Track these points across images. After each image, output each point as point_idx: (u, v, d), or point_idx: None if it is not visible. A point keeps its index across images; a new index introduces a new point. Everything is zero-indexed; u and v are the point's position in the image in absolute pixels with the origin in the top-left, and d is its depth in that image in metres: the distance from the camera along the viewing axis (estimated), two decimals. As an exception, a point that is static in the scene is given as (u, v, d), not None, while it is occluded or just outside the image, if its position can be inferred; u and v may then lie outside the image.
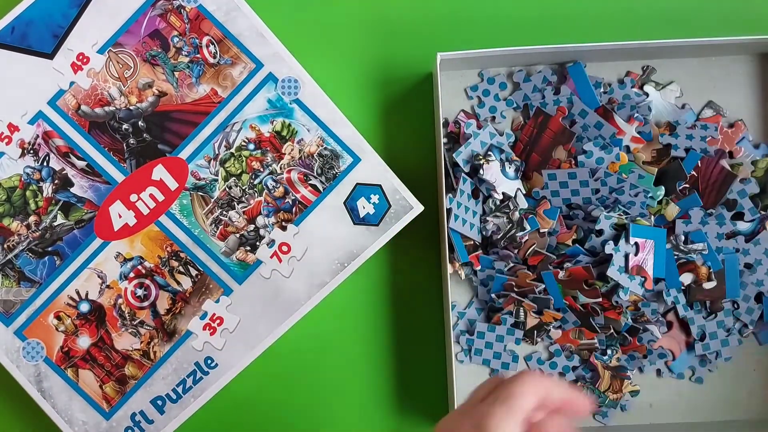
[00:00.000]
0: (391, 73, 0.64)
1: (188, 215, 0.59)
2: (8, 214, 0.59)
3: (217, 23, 0.59)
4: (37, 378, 0.59)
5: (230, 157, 0.59)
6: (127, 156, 0.59)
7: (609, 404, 0.62)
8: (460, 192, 0.59)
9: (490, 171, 0.59)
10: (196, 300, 0.59)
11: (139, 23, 0.59)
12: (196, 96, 0.59)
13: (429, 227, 0.63)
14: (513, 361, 0.62)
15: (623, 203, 0.60)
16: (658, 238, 0.59)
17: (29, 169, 0.59)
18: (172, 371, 0.59)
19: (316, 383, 0.64)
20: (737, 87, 0.64)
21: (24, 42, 0.59)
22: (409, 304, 0.64)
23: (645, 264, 0.58)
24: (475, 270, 0.62)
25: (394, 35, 0.64)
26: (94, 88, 0.59)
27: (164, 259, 0.59)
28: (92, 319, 0.59)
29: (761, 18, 0.65)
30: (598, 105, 0.62)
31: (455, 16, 0.64)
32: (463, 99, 0.64)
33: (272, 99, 0.59)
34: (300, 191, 0.59)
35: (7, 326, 0.59)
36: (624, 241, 0.58)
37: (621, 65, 0.63)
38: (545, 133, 0.61)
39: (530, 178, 0.62)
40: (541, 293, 0.60)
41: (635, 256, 0.58)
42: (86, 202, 0.59)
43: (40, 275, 0.59)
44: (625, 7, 0.64)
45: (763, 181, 0.62)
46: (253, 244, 0.59)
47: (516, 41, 0.61)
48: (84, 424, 0.59)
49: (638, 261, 0.58)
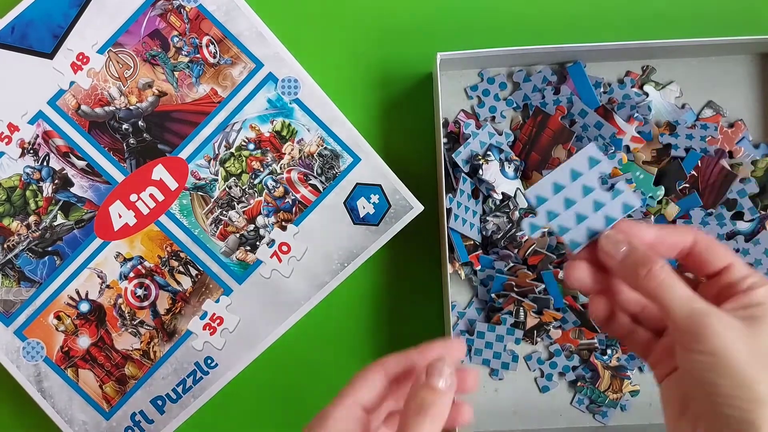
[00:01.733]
0: (391, 73, 0.64)
1: (188, 215, 0.59)
2: (8, 214, 0.59)
3: (217, 23, 0.59)
4: (37, 378, 0.59)
5: (230, 157, 0.59)
6: (127, 156, 0.59)
7: (609, 404, 0.62)
8: (460, 192, 0.59)
9: (490, 171, 0.59)
10: (196, 300, 0.59)
11: (138, 23, 0.59)
12: (196, 96, 0.59)
13: (429, 227, 0.63)
14: (513, 361, 0.62)
15: None
16: None
17: (29, 169, 0.59)
18: (172, 371, 0.59)
19: (316, 383, 0.64)
20: (737, 87, 0.64)
21: (24, 42, 0.59)
22: (409, 304, 0.64)
23: None
24: (475, 270, 0.62)
25: (394, 35, 0.64)
26: (94, 88, 0.59)
27: (164, 259, 0.59)
28: (92, 319, 0.59)
29: (761, 18, 0.65)
30: (598, 105, 0.62)
31: (455, 16, 0.64)
32: (463, 99, 0.64)
33: (272, 99, 0.59)
34: (300, 191, 0.59)
35: (7, 326, 0.59)
36: None
37: (621, 65, 0.63)
38: (544, 133, 0.61)
39: (530, 178, 0.62)
40: (541, 293, 0.60)
41: None
42: (86, 202, 0.59)
43: (40, 275, 0.59)
44: (625, 7, 0.64)
45: (763, 181, 0.62)
46: (253, 244, 0.59)
47: (516, 41, 0.61)
48: (84, 424, 0.59)
49: None
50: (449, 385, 0.37)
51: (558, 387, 0.63)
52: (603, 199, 0.39)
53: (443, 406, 0.37)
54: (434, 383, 0.37)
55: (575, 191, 0.39)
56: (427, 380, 0.37)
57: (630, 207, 0.39)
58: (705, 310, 0.35)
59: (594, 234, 0.39)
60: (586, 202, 0.39)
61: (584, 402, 0.63)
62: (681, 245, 0.39)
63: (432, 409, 0.36)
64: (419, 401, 0.37)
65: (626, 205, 0.39)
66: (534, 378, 0.63)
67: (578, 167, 0.39)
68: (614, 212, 0.39)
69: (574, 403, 0.63)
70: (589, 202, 0.39)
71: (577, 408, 0.63)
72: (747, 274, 0.37)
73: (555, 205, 0.40)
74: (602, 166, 0.39)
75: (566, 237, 0.40)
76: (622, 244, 0.38)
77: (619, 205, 0.39)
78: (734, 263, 0.37)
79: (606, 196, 0.39)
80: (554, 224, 0.40)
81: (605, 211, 0.39)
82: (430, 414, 0.36)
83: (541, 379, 0.63)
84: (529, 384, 0.63)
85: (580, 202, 0.39)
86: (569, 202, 0.40)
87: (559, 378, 0.63)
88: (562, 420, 0.63)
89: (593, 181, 0.39)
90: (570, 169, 0.39)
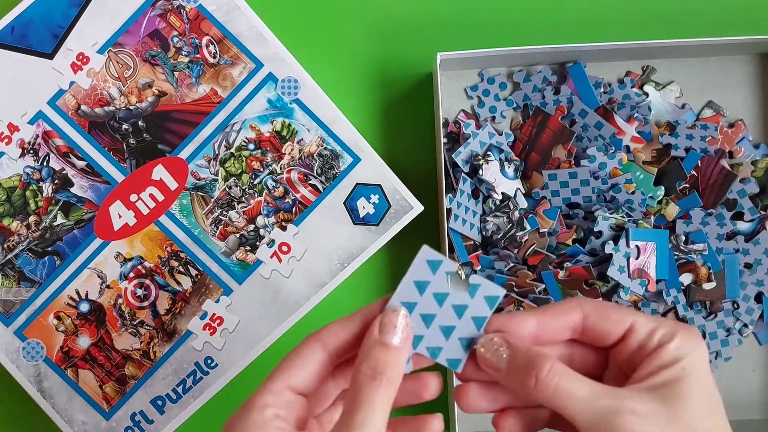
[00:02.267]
0: (391, 73, 0.64)
1: (188, 215, 0.59)
2: (8, 214, 0.59)
3: (216, 23, 0.59)
4: (37, 378, 0.59)
5: (230, 157, 0.59)
6: (127, 156, 0.59)
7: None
8: (460, 192, 0.59)
9: (489, 171, 0.59)
10: (196, 300, 0.59)
11: (138, 23, 0.59)
12: (195, 96, 0.59)
13: (429, 227, 0.63)
14: (513, 361, 0.62)
15: (621, 202, 0.60)
16: (660, 240, 0.59)
17: (29, 169, 0.59)
18: (172, 371, 0.59)
19: (316, 383, 0.64)
20: (737, 87, 0.64)
21: (24, 42, 0.59)
22: (409, 304, 0.64)
23: (647, 267, 0.58)
24: (475, 270, 0.62)
25: (394, 35, 0.64)
26: (94, 88, 0.59)
27: (164, 259, 0.59)
28: (92, 319, 0.59)
29: (761, 18, 0.64)
30: (598, 105, 0.62)
31: (455, 16, 0.64)
32: (463, 99, 0.64)
33: (272, 99, 0.59)
34: (300, 191, 0.59)
35: (7, 326, 0.59)
36: (624, 244, 0.58)
37: (621, 65, 0.63)
38: (544, 133, 0.61)
39: (530, 178, 0.62)
40: (541, 293, 0.60)
41: (636, 259, 0.58)
42: (86, 202, 0.59)
43: (40, 275, 0.59)
44: (625, 7, 0.64)
45: (763, 181, 0.62)
46: (253, 244, 0.59)
47: (516, 41, 0.61)
48: (84, 424, 0.59)
49: (639, 264, 0.58)
50: (404, 339, 0.33)
51: (558, 387, 0.63)
52: (463, 301, 0.34)
53: (399, 367, 0.32)
54: (388, 340, 0.32)
55: (429, 304, 0.34)
56: (380, 337, 0.33)
57: (495, 298, 0.34)
58: (612, 407, 0.29)
59: (470, 343, 0.34)
60: (446, 311, 0.34)
61: (584, 402, 0.63)
62: (570, 325, 0.34)
63: (387, 371, 0.32)
64: (371, 363, 0.32)
65: (490, 298, 0.34)
66: (534, 378, 0.63)
67: (421, 276, 0.34)
68: (480, 311, 0.34)
69: (574, 403, 0.63)
70: (449, 310, 0.34)
71: (577, 408, 0.63)
72: (653, 329, 0.32)
73: (414, 328, 0.34)
74: (446, 265, 0.34)
75: (441, 358, 0.34)
76: (502, 347, 0.33)
77: (481, 301, 0.34)
78: (635, 322, 0.32)
79: (464, 297, 0.34)
80: (422, 349, 0.34)
81: (470, 312, 0.34)
82: (386, 377, 0.31)
83: (541, 379, 0.63)
84: (529, 384, 0.63)
85: (439, 312, 0.34)
86: (428, 318, 0.34)
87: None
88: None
89: (443, 284, 0.34)
90: (413, 281, 0.34)
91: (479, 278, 0.34)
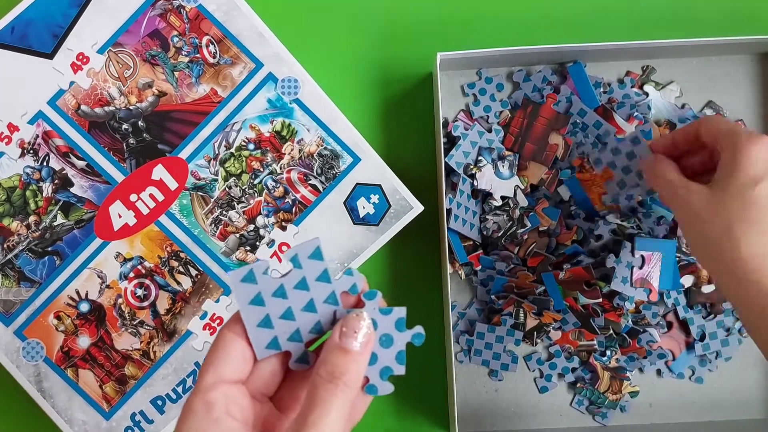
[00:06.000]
0: (391, 73, 0.64)
1: (188, 215, 0.59)
2: (8, 214, 0.59)
3: (216, 23, 0.59)
4: (37, 378, 0.59)
5: (230, 157, 0.59)
6: (126, 156, 0.59)
7: (608, 405, 0.62)
8: (460, 192, 0.59)
9: (484, 178, 0.59)
10: (196, 300, 0.59)
11: (138, 23, 0.59)
12: (195, 96, 0.59)
13: (429, 227, 0.63)
14: (513, 362, 0.62)
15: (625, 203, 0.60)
16: (667, 250, 0.58)
17: (29, 169, 0.59)
18: (172, 371, 0.59)
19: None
20: (737, 87, 0.64)
21: (24, 42, 0.59)
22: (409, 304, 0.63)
23: (651, 277, 0.58)
24: (476, 270, 0.62)
25: (394, 35, 0.64)
26: (94, 87, 0.59)
27: (164, 259, 0.59)
28: (92, 319, 0.59)
29: (761, 18, 0.64)
30: (598, 105, 0.61)
31: (455, 16, 0.64)
32: (463, 98, 0.64)
33: (272, 99, 0.59)
34: (300, 191, 0.59)
35: (7, 326, 0.59)
36: (630, 254, 0.58)
37: (621, 65, 0.63)
38: (537, 122, 0.61)
39: (525, 168, 0.61)
40: (541, 294, 0.60)
41: (640, 269, 0.58)
42: (86, 202, 0.59)
43: (40, 275, 0.59)
44: (625, 7, 0.64)
45: (763, 181, 0.62)
46: (253, 244, 0.59)
47: (516, 41, 0.61)
48: (84, 423, 0.59)
49: (643, 274, 0.58)
50: (364, 344, 0.33)
51: (557, 388, 0.63)
52: (300, 277, 0.35)
53: (358, 372, 0.32)
54: (347, 345, 0.32)
55: (277, 304, 0.34)
56: (339, 341, 0.33)
57: (325, 272, 0.36)
58: (682, 184, 0.47)
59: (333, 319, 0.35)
60: (295, 298, 0.35)
61: (584, 403, 0.63)
62: (690, 135, 0.49)
63: (345, 375, 0.32)
64: (329, 367, 0.32)
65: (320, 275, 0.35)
66: (534, 379, 0.63)
67: (249, 294, 0.34)
68: (322, 292, 0.34)
69: (573, 405, 0.63)
70: (296, 295, 0.35)
71: (576, 409, 0.63)
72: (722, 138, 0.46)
73: (284, 332, 0.35)
74: (256, 268, 0.34)
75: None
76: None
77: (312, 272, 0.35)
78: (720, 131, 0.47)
79: (298, 274, 0.35)
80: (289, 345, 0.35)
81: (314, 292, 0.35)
82: (342, 381, 0.32)
83: (541, 380, 0.63)
84: (529, 385, 0.63)
85: (291, 302, 0.35)
86: (288, 313, 0.35)
87: (559, 379, 0.63)
88: (562, 420, 0.63)
89: (270, 283, 0.34)
90: (247, 303, 0.34)
91: (292, 257, 0.35)
